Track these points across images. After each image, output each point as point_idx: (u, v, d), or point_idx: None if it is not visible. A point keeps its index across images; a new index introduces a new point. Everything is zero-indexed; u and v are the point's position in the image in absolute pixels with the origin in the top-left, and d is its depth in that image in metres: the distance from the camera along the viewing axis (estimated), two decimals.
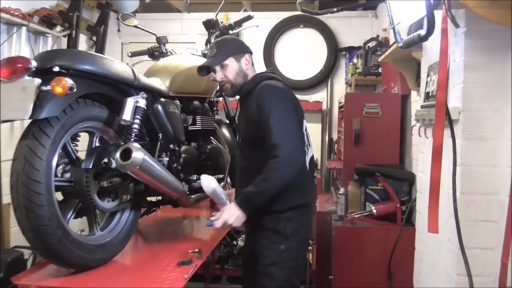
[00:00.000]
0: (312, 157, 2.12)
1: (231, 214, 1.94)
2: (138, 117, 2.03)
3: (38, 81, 1.64)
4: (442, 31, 1.65)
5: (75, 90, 1.66)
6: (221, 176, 2.67)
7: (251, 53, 2.14)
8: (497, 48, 1.66)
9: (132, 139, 1.99)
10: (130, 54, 2.99)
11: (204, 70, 2.14)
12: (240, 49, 2.12)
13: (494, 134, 1.67)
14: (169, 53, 2.90)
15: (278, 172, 1.89)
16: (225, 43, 2.15)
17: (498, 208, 1.63)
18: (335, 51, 5.09)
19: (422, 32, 1.58)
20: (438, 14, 1.65)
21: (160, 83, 2.37)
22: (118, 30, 5.09)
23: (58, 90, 1.61)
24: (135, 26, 2.90)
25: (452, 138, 1.70)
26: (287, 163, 1.89)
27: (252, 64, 2.13)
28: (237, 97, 2.19)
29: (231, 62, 2.07)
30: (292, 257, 2.00)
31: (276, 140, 1.89)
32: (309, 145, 2.08)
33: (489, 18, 1.52)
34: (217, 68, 2.08)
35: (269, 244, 2.00)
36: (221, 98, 3.05)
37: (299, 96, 4.87)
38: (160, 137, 2.28)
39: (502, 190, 1.63)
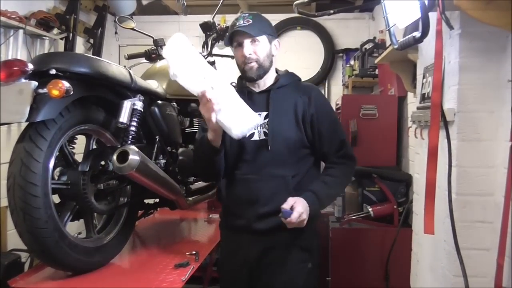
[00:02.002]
0: None
1: (306, 211, 1.69)
2: (135, 119, 2.03)
3: (34, 83, 1.64)
4: (436, 33, 1.66)
5: (71, 92, 1.67)
6: None
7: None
8: (492, 50, 1.66)
9: (129, 142, 1.99)
10: (127, 57, 2.99)
11: (228, 39, 1.86)
12: (274, 31, 1.93)
13: (489, 135, 1.67)
14: None
15: (349, 179, 1.90)
16: (261, 18, 1.86)
17: (494, 209, 1.64)
18: (332, 53, 5.10)
19: (417, 34, 1.58)
20: (433, 16, 1.65)
21: (157, 86, 2.37)
22: (115, 33, 5.08)
23: (55, 92, 1.61)
24: (132, 29, 2.89)
25: (448, 140, 1.70)
26: (354, 171, 1.89)
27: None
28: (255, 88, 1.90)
29: (264, 40, 1.83)
30: (315, 274, 1.88)
31: (348, 145, 1.87)
32: None
33: (484, 20, 1.53)
34: (248, 40, 1.80)
35: (298, 263, 1.81)
36: None
37: None
38: (157, 140, 2.29)
39: (497, 191, 1.64)
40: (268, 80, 1.91)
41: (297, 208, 1.66)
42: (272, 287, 1.83)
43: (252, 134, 1.82)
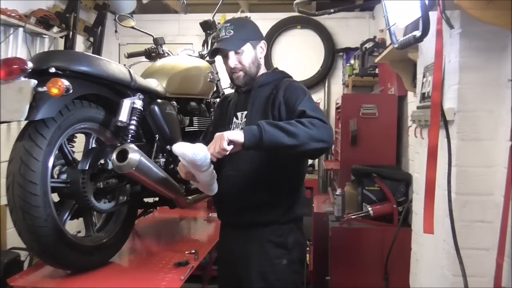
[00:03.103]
0: None
1: (227, 135, 1.56)
2: (135, 118, 2.03)
3: (34, 82, 1.64)
4: (437, 32, 1.65)
5: (71, 91, 1.66)
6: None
7: (264, 39, 1.96)
8: (492, 49, 1.66)
9: (129, 140, 1.99)
10: (127, 55, 2.99)
11: (215, 53, 1.92)
12: (258, 35, 1.92)
13: (489, 135, 1.67)
14: (166, 54, 2.91)
15: (317, 130, 1.59)
16: (243, 25, 1.88)
17: (493, 209, 1.64)
18: (332, 52, 5.10)
19: (417, 33, 1.58)
20: (433, 15, 1.65)
21: (157, 84, 2.37)
22: (116, 31, 5.09)
23: (54, 91, 1.61)
24: (132, 27, 2.90)
25: (447, 139, 1.70)
26: (328, 130, 1.63)
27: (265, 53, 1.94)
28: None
29: (247, 48, 1.85)
30: (294, 270, 1.88)
31: (316, 115, 1.65)
32: None
33: (484, 19, 1.52)
34: (231, 53, 1.84)
35: (272, 259, 1.83)
36: (218, 99, 3.05)
37: None
38: (157, 138, 2.29)
39: (497, 191, 1.64)
40: (257, 79, 1.93)
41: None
42: (249, 281, 1.84)
43: None
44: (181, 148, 1.59)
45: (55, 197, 1.83)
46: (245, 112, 1.88)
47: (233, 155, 1.68)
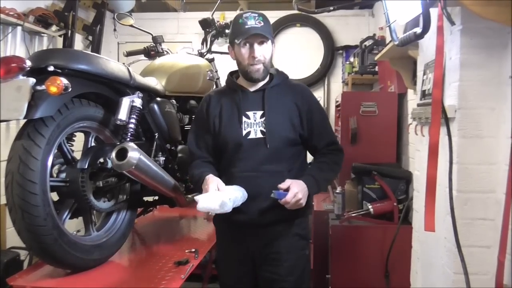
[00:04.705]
0: None
1: (303, 191, 1.76)
2: (134, 116, 2.03)
3: (32, 80, 1.63)
4: (438, 29, 1.64)
5: (70, 89, 1.66)
6: None
7: None
8: (493, 46, 1.65)
9: (128, 139, 1.99)
10: (126, 54, 2.98)
11: (237, 37, 1.84)
12: (273, 35, 1.94)
13: (491, 132, 1.67)
14: (165, 53, 2.90)
15: (340, 167, 1.99)
16: (267, 20, 1.89)
17: (495, 206, 1.63)
18: (332, 50, 5.09)
19: (418, 30, 1.57)
20: (434, 12, 1.64)
21: (156, 83, 2.36)
22: (114, 30, 5.07)
23: (53, 89, 1.61)
24: (131, 26, 2.89)
25: (448, 136, 1.70)
26: (343, 160, 2.00)
27: None
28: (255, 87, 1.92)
29: (270, 43, 1.88)
30: (308, 259, 2.03)
31: (336, 139, 2.00)
32: None
33: (485, 16, 1.52)
34: (257, 43, 1.83)
35: (299, 251, 1.94)
36: None
37: None
38: (156, 137, 2.28)
39: (498, 188, 1.63)
40: (269, 79, 1.96)
41: (293, 188, 1.73)
42: (278, 275, 1.88)
43: (249, 133, 1.87)
44: (206, 204, 1.66)
45: (54, 196, 1.83)
46: (260, 112, 1.88)
47: (250, 155, 1.85)
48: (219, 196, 1.67)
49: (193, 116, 2.64)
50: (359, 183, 3.04)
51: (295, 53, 5.16)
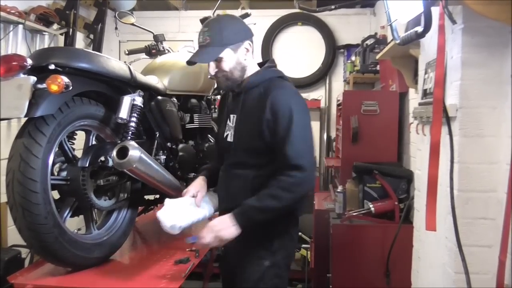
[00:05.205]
0: None
1: (222, 229, 1.68)
2: (135, 115, 2.02)
3: (33, 79, 1.63)
4: (439, 28, 1.64)
5: (71, 88, 1.65)
6: None
7: (251, 37, 1.81)
8: (494, 45, 1.65)
9: (129, 137, 1.98)
10: (127, 52, 2.98)
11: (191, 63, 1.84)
12: (239, 36, 1.77)
13: (492, 131, 1.66)
14: (166, 51, 2.90)
15: (292, 192, 1.67)
16: (222, 28, 1.74)
17: (496, 206, 1.63)
18: (333, 49, 5.09)
19: (419, 29, 1.58)
20: (435, 11, 1.64)
21: (157, 81, 2.36)
22: (116, 28, 5.08)
23: (54, 88, 1.60)
24: (132, 24, 2.88)
25: (450, 136, 1.69)
26: (304, 183, 1.68)
27: (252, 52, 1.82)
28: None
29: (227, 54, 1.74)
30: (276, 273, 1.79)
31: (296, 154, 1.65)
32: None
33: (487, 15, 1.51)
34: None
35: (253, 260, 1.79)
36: (218, 96, 3.04)
37: None
38: (157, 135, 2.28)
39: (500, 188, 1.63)
40: (245, 81, 1.83)
41: (200, 233, 1.72)
42: (233, 280, 1.87)
43: (228, 135, 1.85)
44: (162, 215, 1.80)
45: (55, 195, 1.83)
46: (235, 116, 1.82)
47: (226, 157, 1.87)
48: (176, 216, 1.79)
49: (194, 115, 2.65)
50: (360, 182, 3.04)
51: (296, 52, 5.16)
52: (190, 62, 1.82)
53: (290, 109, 1.68)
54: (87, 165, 1.88)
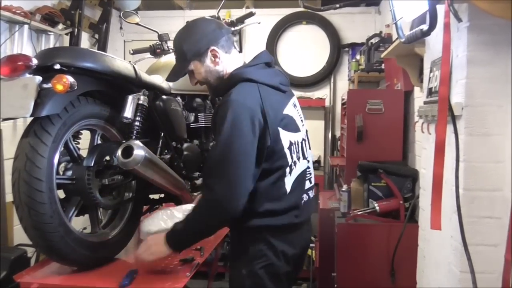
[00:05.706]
0: (305, 170, 1.81)
1: (153, 245, 1.73)
2: (140, 114, 2.03)
3: (39, 78, 1.63)
4: (444, 26, 1.63)
5: (76, 87, 1.66)
6: None
7: (218, 39, 1.73)
8: (500, 43, 1.64)
9: (134, 137, 1.99)
10: (132, 52, 2.98)
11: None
12: (200, 46, 1.73)
13: (498, 130, 1.66)
14: (171, 51, 2.89)
15: (202, 215, 1.65)
16: (180, 44, 1.76)
17: (502, 205, 1.62)
18: (338, 48, 5.08)
19: (425, 27, 1.57)
20: (441, 9, 1.63)
21: (161, 81, 2.36)
22: (121, 28, 5.09)
23: (59, 87, 1.61)
24: (137, 24, 2.88)
25: (455, 134, 1.69)
26: (212, 208, 1.62)
27: (226, 52, 1.75)
28: None
29: (195, 66, 1.77)
30: (254, 282, 1.70)
31: (207, 172, 1.63)
32: (303, 157, 1.81)
33: (492, 12, 1.51)
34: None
35: (235, 267, 1.78)
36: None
37: (302, 93, 4.92)
38: (162, 135, 2.28)
39: (505, 186, 1.62)
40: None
41: (141, 247, 1.81)
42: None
43: None
44: (147, 222, 1.95)
45: (60, 194, 1.83)
46: None
47: None
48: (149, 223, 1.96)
49: (199, 114, 2.65)
50: (365, 181, 3.03)
51: (301, 51, 5.16)
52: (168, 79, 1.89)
53: (223, 130, 1.59)
54: (92, 164, 1.89)
